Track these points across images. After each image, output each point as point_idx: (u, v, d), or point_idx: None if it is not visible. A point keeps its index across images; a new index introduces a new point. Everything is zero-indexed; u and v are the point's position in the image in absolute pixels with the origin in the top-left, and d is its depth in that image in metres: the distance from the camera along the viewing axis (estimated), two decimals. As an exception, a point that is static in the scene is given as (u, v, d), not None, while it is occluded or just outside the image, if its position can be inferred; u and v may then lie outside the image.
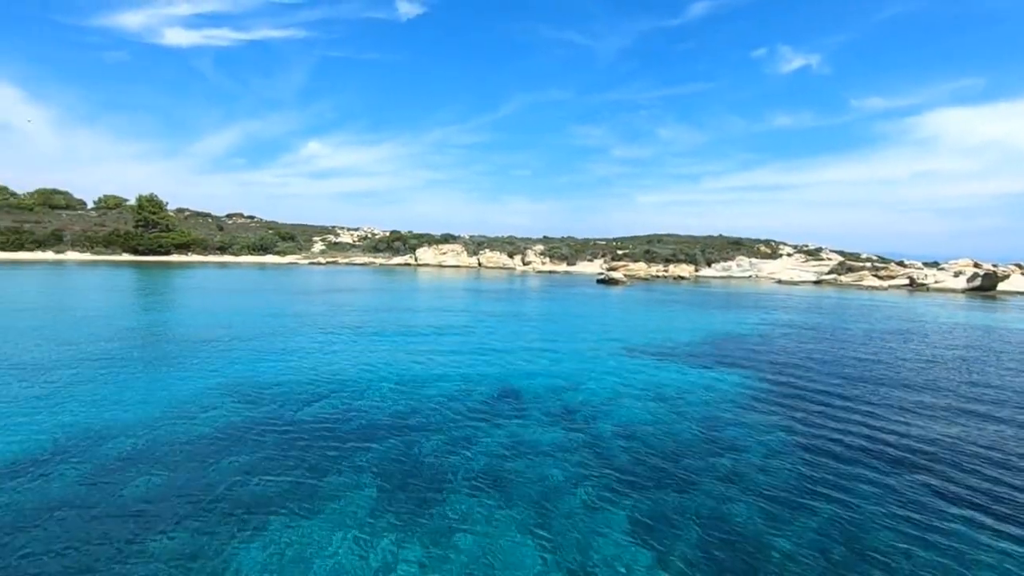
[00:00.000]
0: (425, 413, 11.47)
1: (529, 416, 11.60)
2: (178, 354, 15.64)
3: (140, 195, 71.69)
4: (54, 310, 23.87)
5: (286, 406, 11.40)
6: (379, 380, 13.85)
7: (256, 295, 33.80)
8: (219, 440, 9.39)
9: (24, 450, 8.64)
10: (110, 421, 10.04)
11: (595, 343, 20.21)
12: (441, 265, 74.22)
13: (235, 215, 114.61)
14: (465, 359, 16.68)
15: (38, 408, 10.60)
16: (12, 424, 9.74)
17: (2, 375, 12.73)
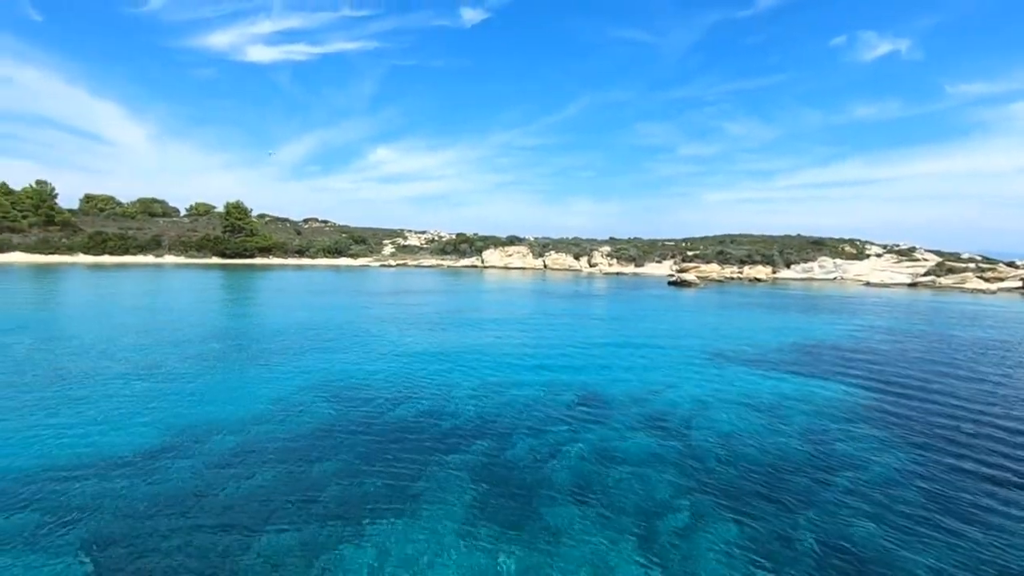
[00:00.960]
0: (510, 416, 11.32)
1: (617, 422, 11.20)
2: (269, 353, 16.35)
3: (228, 202, 76.60)
4: (159, 310, 25.76)
5: (375, 407, 11.59)
6: (461, 382, 13.86)
7: (335, 296, 35.12)
8: (315, 439, 9.63)
9: (137, 442, 9.19)
10: (214, 417, 10.54)
11: (675, 348, 19.43)
12: (507, 267, 74.50)
13: (311, 219, 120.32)
14: (543, 362, 16.45)
15: (150, 403, 11.31)
16: (127, 417, 10.42)
17: (119, 371, 13.73)
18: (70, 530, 6.44)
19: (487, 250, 77.80)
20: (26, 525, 6.51)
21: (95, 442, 9.06)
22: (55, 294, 32.16)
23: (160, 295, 33.09)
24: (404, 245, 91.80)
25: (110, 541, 6.28)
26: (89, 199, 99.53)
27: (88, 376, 12.99)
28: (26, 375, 12.91)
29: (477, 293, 41.69)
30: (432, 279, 54.62)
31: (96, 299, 30.11)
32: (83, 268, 52.75)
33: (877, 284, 60.21)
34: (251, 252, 71.79)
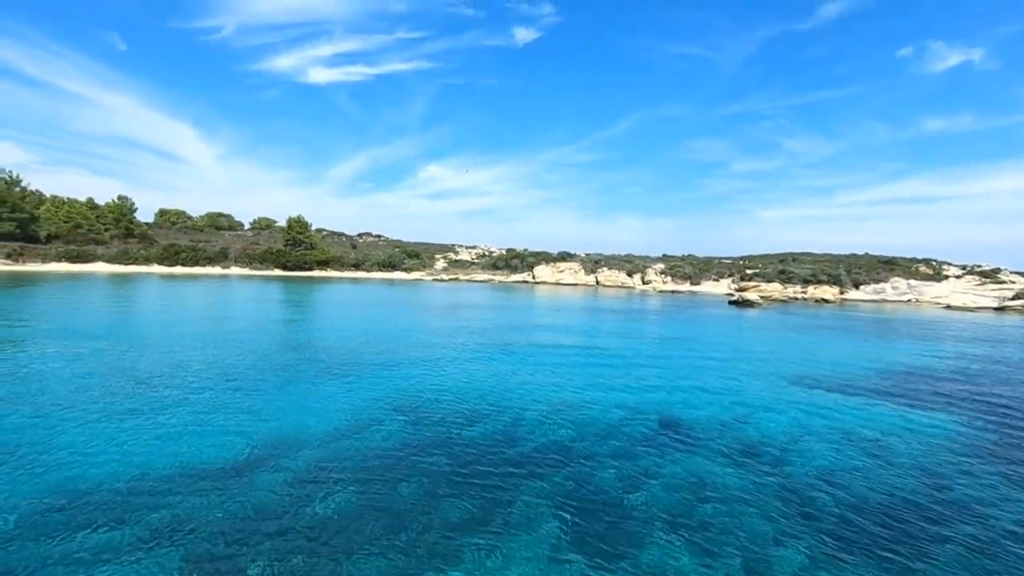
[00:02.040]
0: (589, 440, 10.77)
1: (703, 451, 10.45)
2: (337, 365, 16.41)
3: (290, 217, 79.74)
4: (230, 320, 26.65)
5: (450, 425, 11.29)
6: (532, 402, 13.41)
7: (393, 309, 35.55)
8: (394, 458, 9.37)
9: (223, 454, 9.17)
10: (293, 430, 10.48)
11: (752, 372, 18.34)
12: (558, 283, 74.01)
13: (365, 234, 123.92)
14: (613, 383, 15.80)
15: (232, 413, 11.40)
16: (211, 427, 10.49)
17: (199, 379, 14.03)
18: (167, 547, 6.33)
19: (538, 266, 77.60)
20: (125, 540, 6.46)
21: (182, 452, 9.10)
22: (136, 302, 33.95)
23: (229, 305, 34.38)
24: (455, 260, 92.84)
25: (204, 559, 6.13)
26: (163, 213, 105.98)
27: (170, 384, 13.31)
28: (114, 381, 13.35)
29: (533, 309, 41.33)
30: (485, 294, 54.71)
31: (172, 308, 31.56)
32: (158, 278, 55.80)
33: (959, 307, 56.04)
34: (310, 265, 74.25)
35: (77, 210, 75.94)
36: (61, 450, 8.90)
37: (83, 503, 7.21)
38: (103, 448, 9.09)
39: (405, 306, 38.43)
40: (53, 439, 9.36)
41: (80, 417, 10.51)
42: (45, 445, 9.08)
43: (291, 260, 73.52)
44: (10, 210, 62.29)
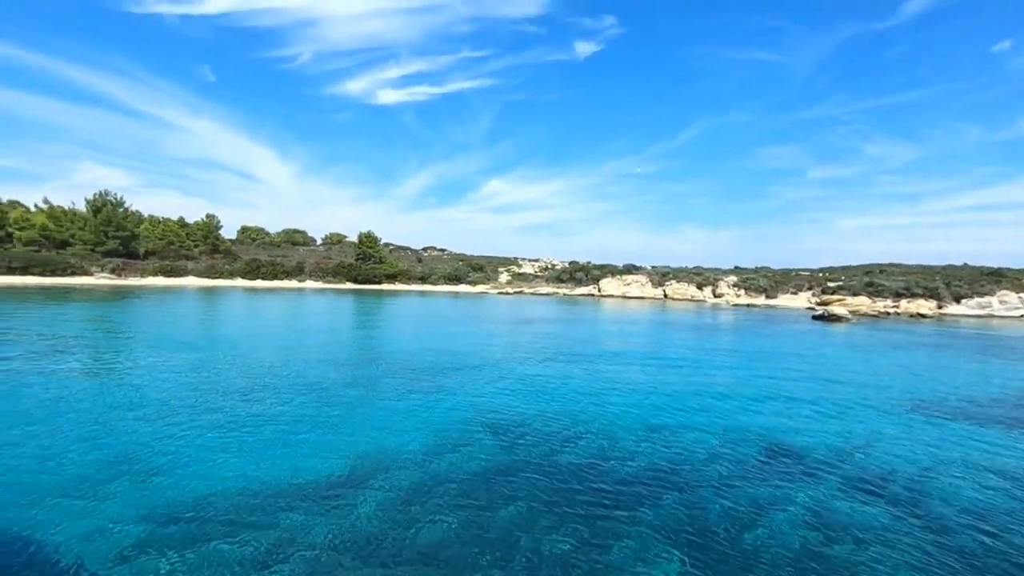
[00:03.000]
0: (691, 466, 9.99)
1: (821, 483, 9.43)
2: (421, 379, 16.37)
3: (361, 233, 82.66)
4: (312, 332, 27.55)
5: (542, 446, 10.83)
6: (622, 422, 12.73)
7: (466, 323, 35.70)
8: (489, 481, 9.00)
9: (320, 469, 9.12)
10: (385, 447, 10.35)
11: (857, 393, 16.78)
12: (625, 296, 72.35)
13: (429, 248, 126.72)
14: (705, 402, 14.84)
15: (324, 427, 11.45)
16: (306, 440, 10.54)
17: (290, 391, 14.32)
18: (279, 569, 6.22)
19: (604, 279, 76.27)
20: (239, 557, 6.41)
21: (284, 466, 9.13)
22: (225, 314, 35.91)
23: (308, 318, 35.72)
24: (519, 273, 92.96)
25: (313, 582, 5.97)
26: (244, 230, 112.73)
27: (264, 395, 13.64)
28: (213, 391, 13.83)
29: (604, 323, 40.38)
30: (551, 307, 54.17)
31: (258, 320, 33.09)
32: (241, 291, 59.08)
33: (1083, 324, 50.01)
34: (379, 278, 76.48)
35: (170, 228, 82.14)
36: (170, 460, 9.14)
37: (196, 516, 7.27)
38: (209, 459, 9.26)
39: (475, 319, 38.53)
40: (163, 446, 9.65)
41: (185, 425, 10.85)
42: (156, 454, 9.36)
43: (361, 274, 76.02)
44: (115, 229, 68.09)
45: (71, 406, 11.91)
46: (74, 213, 69.90)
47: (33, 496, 7.59)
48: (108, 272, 62.56)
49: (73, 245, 66.54)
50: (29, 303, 34.99)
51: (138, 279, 63.29)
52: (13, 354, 17.24)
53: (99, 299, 40.46)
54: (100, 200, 70.46)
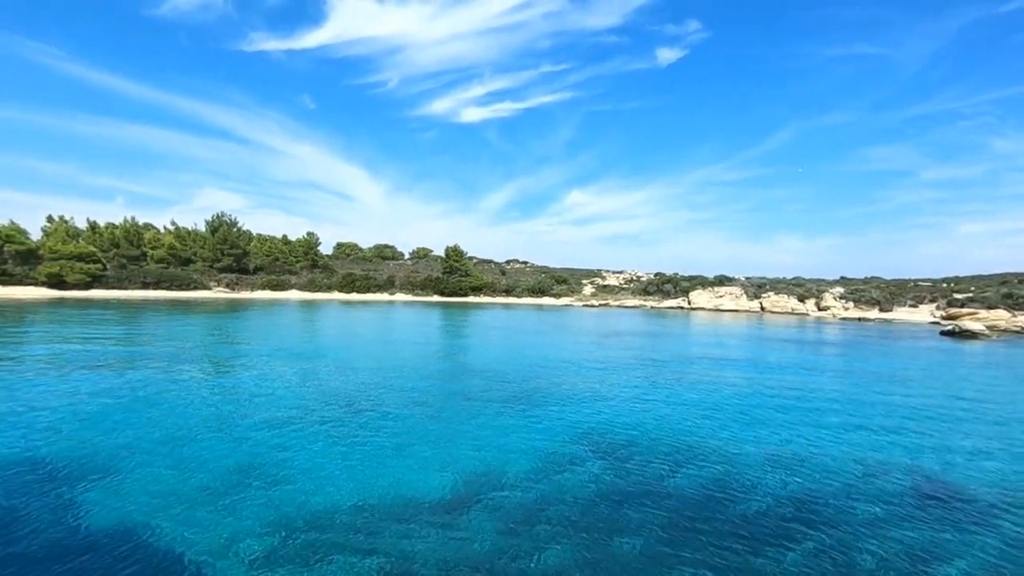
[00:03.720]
0: (830, 503, 8.90)
1: (997, 535, 8.03)
2: (519, 394, 16.16)
3: (447, 247, 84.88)
4: (409, 343, 28.35)
5: (653, 470, 10.16)
6: (740, 445, 11.74)
7: (555, 336, 35.33)
8: (602, 506, 8.50)
9: (431, 487, 9.03)
10: (492, 466, 10.14)
11: (1022, 426, 14.56)
12: (717, 309, 68.80)
13: (512, 261, 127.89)
14: (833, 429, 13.40)
15: (431, 443, 11.46)
16: (416, 458, 10.55)
17: (395, 405, 14.59)
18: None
19: (694, 291, 73.08)
20: (359, 574, 6.39)
21: (393, 481, 9.15)
22: (327, 326, 37.95)
23: (402, 329, 36.92)
24: (603, 285, 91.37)
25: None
26: (339, 246, 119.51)
27: (369, 406, 13.98)
28: (322, 401, 14.37)
29: (699, 337, 38.45)
30: (639, 320, 52.53)
31: (357, 332, 34.63)
32: (338, 303, 62.45)
33: None
34: (465, 291, 78.06)
35: (275, 246, 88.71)
36: (288, 471, 9.43)
37: (314, 530, 7.35)
38: (322, 470, 9.47)
39: (563, 332, 38.05)
40: (281, 456, 10.02)
41: (299, 435, 11.26)
42: (274, 464, 9.71)
43: (448, 287, 77.99)
44: (230, 247, 74.59)
45: (195, 412, 12.78)
46: (196, 233, 77.42)
47: (165, 503, 8.05)
48: (224, 286, 68.54)
49: (195, 262, 73.60)
50: (160, 314, 38.87)
51: (248, 292, 68.76)
52: (148, 361, 19.00)
53: (217, 311, 44.21)
54: (217, 221, 77.56)
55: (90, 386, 14.95)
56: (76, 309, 40.63)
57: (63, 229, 68.34)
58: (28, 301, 47.42)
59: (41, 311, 38.48)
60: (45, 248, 60.73)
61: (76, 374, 16.43)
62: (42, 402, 13.14)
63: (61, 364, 17.95)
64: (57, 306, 42.95)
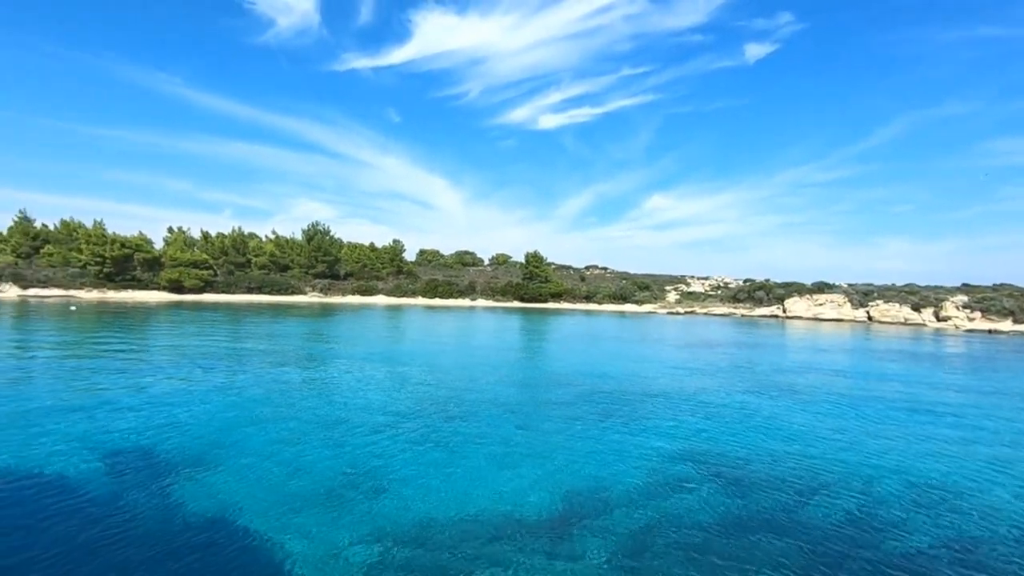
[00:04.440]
0: (1002, 551, 7.49)
1: None
2: (617, 405, 15.42)
3: (527, 253, 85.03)
4: (497, 350, 28.30)
5: (777, 496, 9.11)
6: (876, 475, 10.33)
7: (644, 344, 34.04)
8: (724, 534, 7.65)
9: (537, 503, 8.58)
10: (597, 484, 9.55)
11: None
12: (816, 318, 63.69)
13: (591, 266, 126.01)
14: (991, 466, 11.56)
15: (533, 457, 11.04)
16: (518, 471, 10.14)
17: (493, 414, 14.33)
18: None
19: (790, 298, 68.18)
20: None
21: (491, 493, 8.80)
22: (415, 330, 38.89)
23: (487, 335, 37.06)
24: (688, 292, 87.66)
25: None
26: (422, 253, 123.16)
27: (464, 414, 13.81)
28: (421, 407, 14.39)
29: (803, 348, 35.55)
30: (731, 329, 49.62)
31: (444, 337, 35.15)
32: (422, 308, 64.14)
33: None
34: (545, 297, 77.66)
35: (364, 253, 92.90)
36: (390, 477, 9.32)
37: (420, 542, 7.10)
38: (424, 478, 9.28)
39: (651, 340, 36.58)
40: (383, 463, 9.95)
41: (398, 440, 11.20)
42: (376, 471, 9.65)
43: (528, 292, 77.96)
44: (323, 255, 78.99)
45: (299, 415, 13.14)
46: (293, 242, 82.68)
47: (270, 506, 8.12)
48: (318, 291, 72.59)
49: (292, 268, 78.55)
50: (262, 317, 41.56)
51: (340, 297, 72.32)
52: (255, 363, 20.08)
53: (312, 315, 46.66)
54: (312, 230, 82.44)
55: (205, 385, 15.90)
56: (191, 312, 44.36)
57: (181, 239, 75.42)
58: (152, 304, 52.45)
59: (163, 313, 42.33)
60: (167, 256, 67.16)
61: (193, 373, 17.60)
62: (163, 398, 14.08)
63: (180, 364, 19.35)
64: (176, 309, 47.13)
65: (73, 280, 61.91)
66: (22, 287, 58.32)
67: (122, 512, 7.55)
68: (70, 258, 65.36)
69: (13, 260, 66.96)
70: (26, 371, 17.16)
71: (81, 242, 64.63)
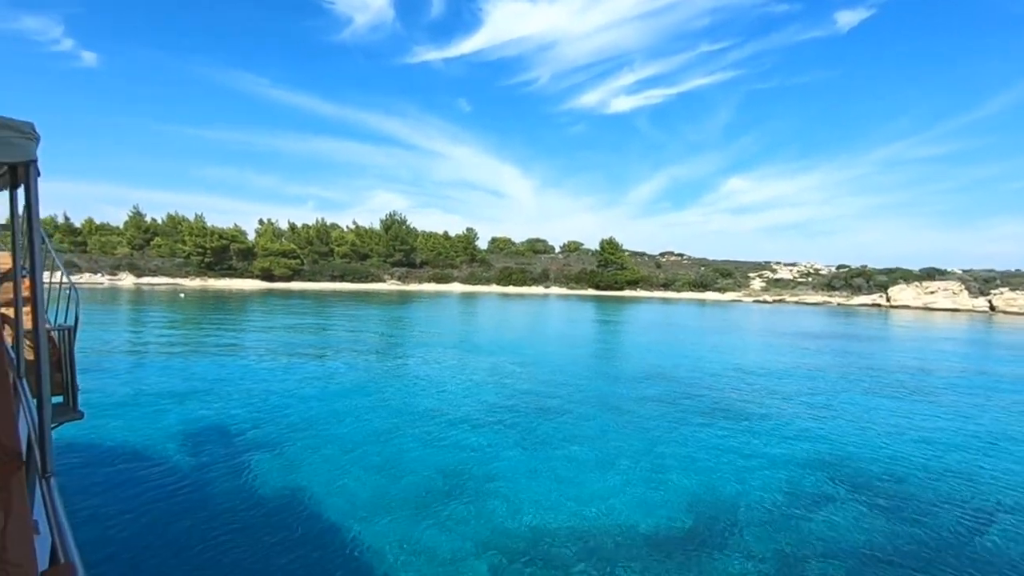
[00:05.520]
0: None
1: None
2: (722, 404, 14.22)
3: (602, 239, 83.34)
4: (580, 341, 27.48)
5: (945, 519, 7.69)
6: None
7: (736, 334, 32.03)
8: (898, 569, 6.46)
9: (654, 515, 7.71)
10: (721, 494, 8.53)
11: None
12: (927, 307, 57.71)
13: (667, 253, 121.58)
14: None
15: (638, 457, 10.19)
16: (627, 474, 9.33)
17: (589, 411, 13.59)
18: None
19: (895, 286, 62.31)
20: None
21: (604, 502, 8.01)
22: (495, 318, 38.80)
23: (567, 323, 36.32)
24: (774, 279, 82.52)
25: None
26: (494, 240, 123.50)
27: (556, 404, 13.14)
28: (510, 401, 13.88)
29: (923, 340, 32.08)
30: (830, 319, 45.89)
31: (524, 324, 34.75)
32: (496, 296, 64.24)
33: None
34: (621, 285, 75.69)
35: (438, 241, 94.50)
36: (501, 481, 8.76)
37: (533, 556, 6.44)
38: (530, 482, 8.64)
39: (744, 331, 34.36)
40: (483, 462, 9.43)
41: (496, 438, 10.66)
42: (478, 473, 9.12)
43: (603, 280, 76.29)
44: (400, 243, 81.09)
45: (395, 407, 12.95)
46: (372, 231, 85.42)
47: (366, 505, 7.73)
48: (396, 279, 74.62)
49: (371, 257, 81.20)
50: (346, 305, 42.97)
51: (417, 285, 73.97)
52: (347, 351, 20.42)
53: (394, 302, 47.79)
54: (390, 220, 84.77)
55: (302, 373, 16.22)
56: (283, 299, 46.65)
57: (270, 230, 79.80)
58: (247, 291, 55.79)
59: (257, 300, 44.78)
60: (259, 246, 71.29)
61: (291, 361, 18.07)
62: (269, 385, 14.38)
63: (278, 351, 20.00)
64: (269, 296, 49.80)
65: (179, 269, 67.14)
66: (136, 276, 63.92)
67: (199, 488, 7.46)
68: (175, 249, 70.91)
69: (129, 251, 73.59)
70: (140, 356, 18.30)
71: (184, 234, 69.89)
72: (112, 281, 60.35)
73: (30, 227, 2.40)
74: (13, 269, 3.08)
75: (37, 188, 2.39)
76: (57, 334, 4.13)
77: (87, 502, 7.29)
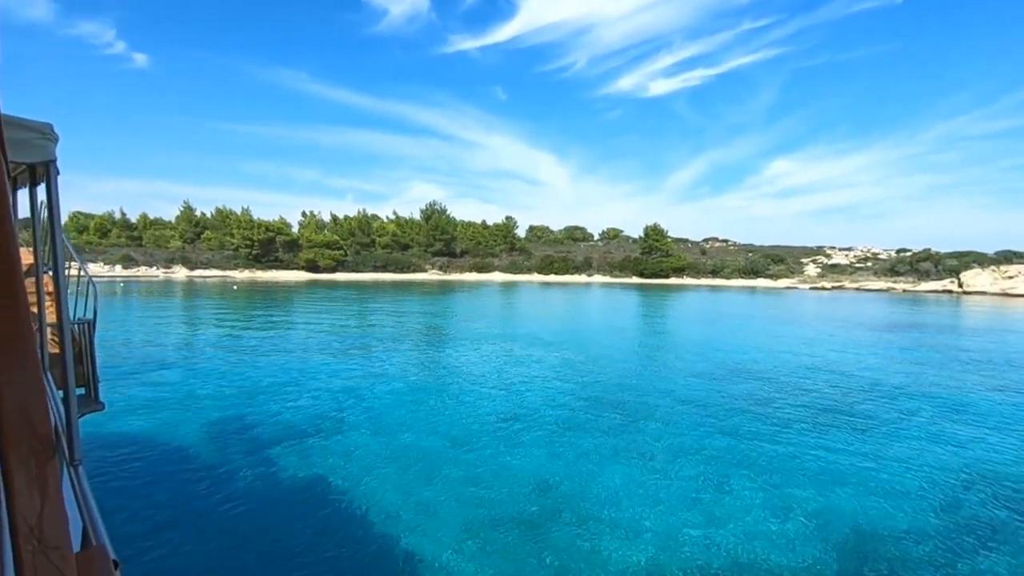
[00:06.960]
0: None
1: None
2: (824, 406, 12.76)
3: (646, 225, 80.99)
4: (638, 331, 26.17)
5: None
6: None
7: (807, 324, 30.01)
8: None
9: (793, 555, 6.49)
10: (874, 523, 7.22)
11: None
12: (1005, 293, 53.49)
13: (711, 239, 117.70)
14: None
15: (752, 474, 8.95)
16: (743, 495, 8.11)
17: (674, 415, 12.41)
18: None
19: (968, 271, 58.08)
20: None
21: (738, 536, 6.83)
22: (542, 308, 37.75)
23: (619, 313, 34.95)
24: (830, 264, 78.53)
25: None
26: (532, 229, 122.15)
27: (647, 414, 11.97)
28: (587, 402, 12.81)
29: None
30: (902, 308, 42.91)
31: (576, 315, 33.59)
32: (537, 285, 63.09)
33: None
34: (666, 272, 73.39)
35: (477, 231, 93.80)
36: (591, 503, 7.68)
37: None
38: (639, 508, 7.53)
39: (812, 320, 32.23)
40: (574, 478, 8.37)
41: (582, 449, 9.60)
42: (573, 490, 8.06)
43: (648, 268, 74.10)
44: (440, 233, 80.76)
45: (466, 409, 12.02)
46: (412, 221, 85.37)
47: (446, 525, 6.77)
48: (437, 269, 74.37)
49: (412, 247, 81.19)
50: (391, 296, 42.63)
51: (458, 274, 73.55)
52: (408, 344, 19.71)
53: (437, 292, 47.26)
54: (430, 210, 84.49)
55: (362, 369, 15.53)
56: (328, 290, 46.75)
57: (313, 222, 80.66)
58: (293, 283, 56.33)
59: (304, 292, 44.96)
60: (303, 238, 72.10)
61: (350, 356, 17.44)
62: (332, 383, 13.71)
63: (335, 347, 19.44)
64: (315, 287, 50.04)
65: (228, 261, 68.59)
66: (189, 268, 65.58)
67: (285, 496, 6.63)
68: (224, 242, 72.44)
69: (181, 245, 75.67)
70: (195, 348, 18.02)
71: (232, 227, 71.29)
72: (167, 274, 62.11)
73: (52, 224, 2.42)
74: (34, 265, 3.16)
75: (57, 187, 2.48)
76: (78, 328, 4.21)
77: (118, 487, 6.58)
